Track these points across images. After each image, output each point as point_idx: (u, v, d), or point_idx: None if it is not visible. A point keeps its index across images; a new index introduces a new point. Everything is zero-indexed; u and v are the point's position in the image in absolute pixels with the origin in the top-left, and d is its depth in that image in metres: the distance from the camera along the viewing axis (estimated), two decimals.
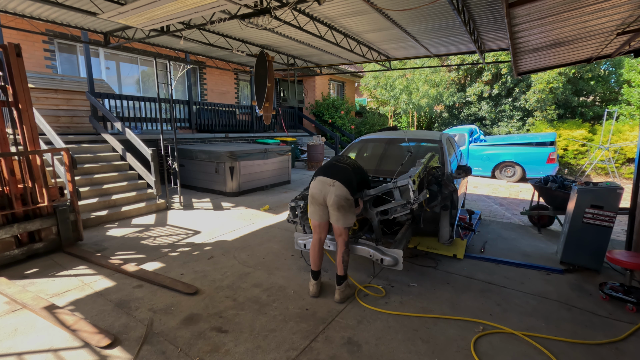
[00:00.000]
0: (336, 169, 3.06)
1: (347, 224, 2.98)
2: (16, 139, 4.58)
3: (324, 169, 3.10)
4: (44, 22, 6.09)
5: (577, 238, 3.65)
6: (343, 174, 2.99)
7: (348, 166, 3.10)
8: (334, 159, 3.21)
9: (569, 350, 2.40)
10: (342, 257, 3.01)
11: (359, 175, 3.14)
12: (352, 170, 3.08)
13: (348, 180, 2.97)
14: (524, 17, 3.39)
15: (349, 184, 2.96)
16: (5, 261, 3.68)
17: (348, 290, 3.09)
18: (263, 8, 4.96)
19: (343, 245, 3.01)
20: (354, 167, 3.15)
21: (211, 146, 8.26)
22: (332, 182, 2.93)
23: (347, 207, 2.93)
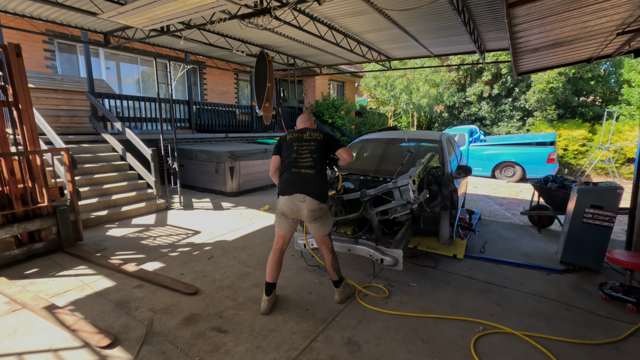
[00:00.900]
0: (301, 180, 2.74)
1: (326, 231, 2.87)
2: (16, 139, 4.58)
3: (288, 184, 2.75)
4: (44, 22, 6.09)
5: (577, 238, 3.65)
6: (310, 184, 2.71)
7: (310, 166, 2.76)
8: (293, 166, 2.78)
9: (569, 350, 2.40)
10: (331, 265, 2.91)
11: (323, 150, 2.82)
12: (316, 169, 2.76)
13: (317, 188, 2.73)
14: (524, 17, 3.39)
15: (320, 192, 2.73)
16: (5, 261, 3.68)
17: (347, 289, 3.05)
18: (263, 8, 4.96)
19: (329, 252, 2.91)
20: (316, 158, 2.78)
21: (211, 146, 8.26)
22: (301, 197, 2.70)
23: (323, 216, 2.80)
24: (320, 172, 2.79)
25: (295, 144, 2.85)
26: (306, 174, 2.74)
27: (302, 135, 2.88)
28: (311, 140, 2.84)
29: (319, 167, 2.78)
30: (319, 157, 2.79)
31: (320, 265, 3.73)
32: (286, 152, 2.87)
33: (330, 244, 2.93)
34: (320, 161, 2.80)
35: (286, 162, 2.84)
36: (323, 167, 2.83)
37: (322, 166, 2.82)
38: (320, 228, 2.82)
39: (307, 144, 2.83)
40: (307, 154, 2.79)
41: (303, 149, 2.82)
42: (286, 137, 2.93)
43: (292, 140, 2.87)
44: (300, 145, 2.84)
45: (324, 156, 2.84)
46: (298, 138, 2.87)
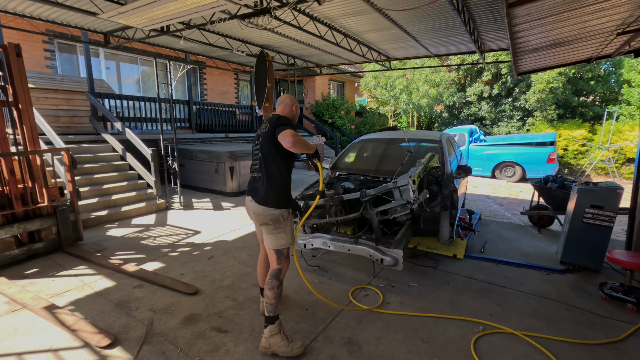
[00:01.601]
0: (252, 182, 2.43)
1: (274, 246, 2.35)
2: (16, 139, 4.58)
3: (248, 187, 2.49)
4: (44, 22, 6.09)
5: (577, 238, 3.65)
6: (257, 188, 2.35)
7: (257, 169, 2.38)
8: (251, 168, 2.48)
9: (569, 350, 2.40)
10: (267, 291, 2.28)
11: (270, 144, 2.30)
12: (262, 171, 2.33)
13: (263, 192, 2.30)
14: (524, 17, 3.39)
15: (265, 197, 2.29)
16: (5, 261, 3.67)
17: (276, 338, 2.25)
18: (263, 8, 4.96)
19: (269, 275, 2.34)
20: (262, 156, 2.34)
21: (211, 146, 8.26)
22: (249, 198, 2.40)
23: (271, 225, 2.33)
24: (269, 172, 2.31)
25: (255, 141, 2.48)
26: (255, 177, 2.41)
27: (259, 131, 2.47)
28: (260, 135, 2.39)
29: (268, 166, 2.31)
30: (266, 154, 2.32)
31: (320, 265, 3.73)
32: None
33: (277, 265, 2.36)
34: (267, 158, 2.32)
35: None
36: (273, 164, 2.31)
37: (270, 164, 2.31)
38: (267, 239, 2.39)
39: (257, 140, 2.43)
40: (257, 152, 2.41)
41: (256, 146, 2.44)
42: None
43: (256, 135, 2.51)
44: (255, 142, 2.46)
45: (273, 151, 2.30)
46: (257, 135, 2.48)
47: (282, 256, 2.39)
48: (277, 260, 2.38)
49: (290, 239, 2.42)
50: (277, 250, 2.37)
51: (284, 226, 2.36)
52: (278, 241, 2.36)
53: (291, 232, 2.42)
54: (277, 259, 2.38)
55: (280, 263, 2.38)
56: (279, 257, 2.38)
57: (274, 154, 2.30)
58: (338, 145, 12.47)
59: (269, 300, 2.27)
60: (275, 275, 2.32)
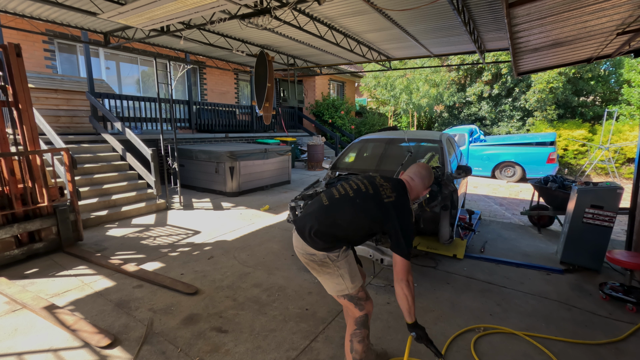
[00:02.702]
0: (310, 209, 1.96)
1: (336, 292, 1.90)
2: (16, 139, 4.58)
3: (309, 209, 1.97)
4: (44, 22, 6.09)
5: (577, 238, 3.65)
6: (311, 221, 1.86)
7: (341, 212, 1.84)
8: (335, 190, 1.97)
9: (569, 350, 2.40)
10: (357, 344, 1.89)
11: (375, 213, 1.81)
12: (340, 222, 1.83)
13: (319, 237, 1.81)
14: (524, 17, 3.39)
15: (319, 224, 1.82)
16: (5, 261, 3.68)
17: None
18: (263, 8, 4.96)
19: (353, 324, 1.92)
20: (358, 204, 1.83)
21: (211, 146, 8.26)
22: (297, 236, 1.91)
23: (319, 269, 1.89)
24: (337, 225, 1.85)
25: (354, 180, 1.98)
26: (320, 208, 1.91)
27: (374, 176, 1.98)
28: (374, 185, 1.88)
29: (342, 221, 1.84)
30: (359, 214, 1.82)
31: None
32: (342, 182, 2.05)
33: (358, 311, 1.91)
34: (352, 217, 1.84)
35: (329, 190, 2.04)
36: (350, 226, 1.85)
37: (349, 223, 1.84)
38: (325, 284, 1.95)
39: (363, 187, 1.89)
40: (349, 195, 1.89)
41: (353, 185, 1.93)
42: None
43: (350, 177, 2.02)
44: (355, 181, 1.96)
45: (366, 221, 1.83)
46: (368, 176, 2.00)
47: (360, 299, 1.90)
48: (357, 307, 1.90)
49: (352, 281, 1.87)
50: (348, 296, 1.89)
51: (335, 269, 1.85)
52: (338, 287, 1.88)
53: (349, 273, 1.87)
54: (355, 305, 1.90)
55: (362, 308, 1.90)
56: (357, 303, 1.90)
57: (363, 222, 1.83)
58: (338, 145, 12.47)
59: (359, 355, 1.88)
60: (363, 324, 1.90)
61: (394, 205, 1.80)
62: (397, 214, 1.78)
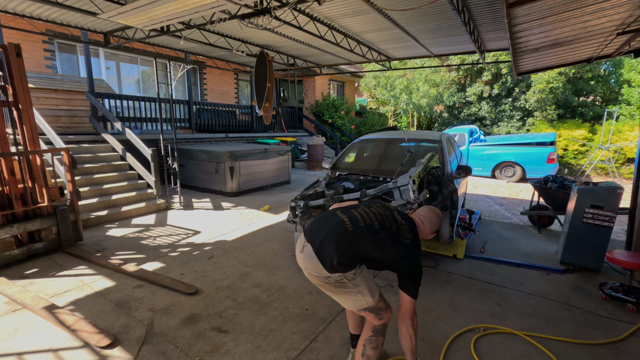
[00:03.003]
0: (326, 222, 1.87)
1: (355, 307, 1.87)
2: (16, 139, 4.58)
3: (313, 225, 1.91)
4: (44, 22, 6.09)
5: (577, 238, 3.65)
6: (329, 239, 1.76)
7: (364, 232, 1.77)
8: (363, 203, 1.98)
9: (569, 350, 2.40)
10: (370, 350, 1.87)
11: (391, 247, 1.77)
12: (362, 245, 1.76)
13: (337, 253, 1.72)
14: (524, 17, 3.39)
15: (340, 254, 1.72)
16: (5, 261, 3.68)
17: None
18: (263, 8, 4.96)
19: (369, 330, 1.90)
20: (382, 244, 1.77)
21: (211, 146, 8.26)
22: (309, 246, 1.82)
23: (335, 290, 1.83)
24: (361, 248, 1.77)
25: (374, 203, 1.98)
26: (339, 224, 1.82)
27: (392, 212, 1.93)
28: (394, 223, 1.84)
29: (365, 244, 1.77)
30: (383, 235, 1.78)
31: None
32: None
33: (378, 320, 1.88)
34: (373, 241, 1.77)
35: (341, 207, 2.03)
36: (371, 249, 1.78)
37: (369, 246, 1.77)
38: (342, 301, 1.90)
39: (386, 216, 1.86)
40: (374, 215, 1.85)
41: (375, 210, 1.89)
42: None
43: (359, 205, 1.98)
44: (378, 207, 1.93)
45: (386, 245, 1.78)
46: (387, 207, 1.96)
47: (380, 310, 1.86)
48: (378, 317, 1.87)
49: (371, 296, 1.84)
50: (369, 309, 1.85)
51: (353, 288, 1.81)
52: (357, 302, 1.84)
53: (368, 288, 1.84)
54: (376, 315, 1.86)
55: (382, 318, 1.88)
56: (377, 313, 1.86)
57: (381, 256, 1.78)
58: (338, 145, 12.47)
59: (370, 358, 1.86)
60: (380, 332, 1.88)
61: (410, 247, 1.81)
62: (413, 257, 1.79)
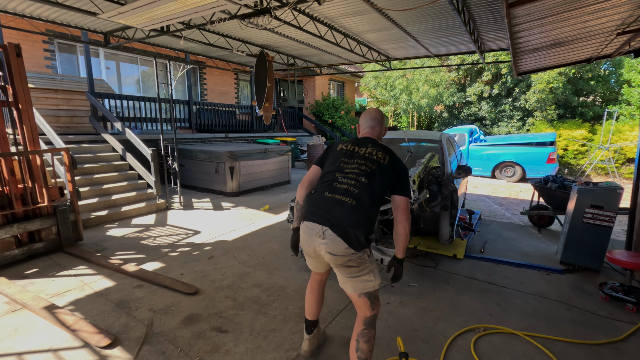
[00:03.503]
0: (333, 201, 1.86)
1: (363, 290, 1.86)
2: (16, 139, 4.58)
3: (314, 211, 1.91)
4: (44, 22, 6.09)
5: (577, 238, 3.65)
6: (342, 210, 1.81)
7: (353, 194, 1.84)
8: (329, 189, 1.92)
9: (569, 350, 2.40)
10: (363, 344, 1.86)
11: (382, 180, 1.90)
12: (359, 200, 1.83)
13: (354, 219, 1.79)
14: (524, 17, 3.39)
15: (355, 226, 1.78)
16: (5, 261, 3.67)
17: None
18: (263, 8, 4.96)
19: (361, 324, 1.90)
20: (365, 185, 1.87)
21: (211, 146, 8.26)
22: (321, 229, 1.81)
23: (355, 267, 1.83)
24: (366, 206, 1.84)
25: (343, 158, 2.00)
26: (348, 204, 1.82)
27: (359, 150, 2.00)
28: (370, 161, 1.93)
29: (366, 199, 1.84)
30: (371, 186, 1.87)
31: None
32: (329, 167, 2.03)
33: (370, 310, 1.89)
34: (370, 192, 1.86)
35: (323, 180, 2.01)
36: (373, 200, 1.87)
37: (371, 199, 1.86)
38: (350, 282, 1.87)
39: (362, 164, 1.93)
40: (357, 177, 1.90)
41: (353, 168, 1.93)
42: (337, 146, 2.11)
43: (342, 153, 2.03)
44: (351, 162, 1.96)
45: (381, 187, 1.88)
46: (351, 152, 2.01)
47: (375, 299, 1.90)
48: (372, 306, 1.88)
49: (379, 277, 1.90)
50: (369, 294, 1.86)
51: (369, 264, 1.86)
52: (367, 284, 1.85)
53: (376, 266, 1.92)
54: (371, 304, 1.88)
55: (374, 308, 1.89)
56: (373, 302, 1.88)
57: (379, 189, 1.88)
58: None
59: (364, 355, 1.85)
60: (371, 324, 1.89)
61: (390, 162, 1.95)
62: (396, 166, 1.96)
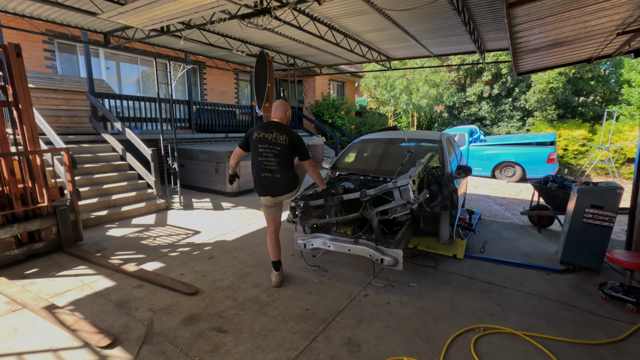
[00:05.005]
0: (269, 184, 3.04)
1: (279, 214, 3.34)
2: (16, 139, 4.58)
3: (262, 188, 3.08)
4: (44, 22, 6.09)
5: (577, 238, 3.65)
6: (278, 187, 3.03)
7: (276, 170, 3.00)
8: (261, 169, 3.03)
9: (569, 350, 2.40)
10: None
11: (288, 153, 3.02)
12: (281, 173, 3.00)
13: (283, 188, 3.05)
14: (524, 17, 3.39)
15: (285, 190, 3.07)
16: (5, 261, 3.68)
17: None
18: (263, 8, 4.96)
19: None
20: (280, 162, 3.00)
21: (211, 146, 8.26)
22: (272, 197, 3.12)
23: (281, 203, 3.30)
24: (286, 171, 3.00)
25: (260, 145, 2.96)
26: (271, 179, 2.99)
27: (267, 136, 2.96)
28: (276, 145, 2.94)
29: (285, 168, 2.99)
30: (284, 160, 2.97)
31: (320, 265, 3.74)
32: (253, 152, 3.03)
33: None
34: (285, 163, 2.99)
35: (255, 163, 3.03)
36: (289, 165, 3.03)
37: (287, 166, 3.01)
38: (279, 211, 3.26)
39: (272, 148, 2.93)
40: (272, 158, 2.95)
41: (268, 152, 2.94)
42: (253, 133, 3.02)
43: (257, 140, 2.97)
44: (265, 148, 2.95)
45: (290, 157, 3.02)
46: (263, 139, 2.96)
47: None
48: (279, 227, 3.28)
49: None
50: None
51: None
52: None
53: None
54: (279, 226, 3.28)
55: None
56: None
57: (289, 159, 3.01)
58: (338, 145, 12.46)
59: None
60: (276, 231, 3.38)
61: (289, 141, 2.97)
62: (295, 142, 2.99)
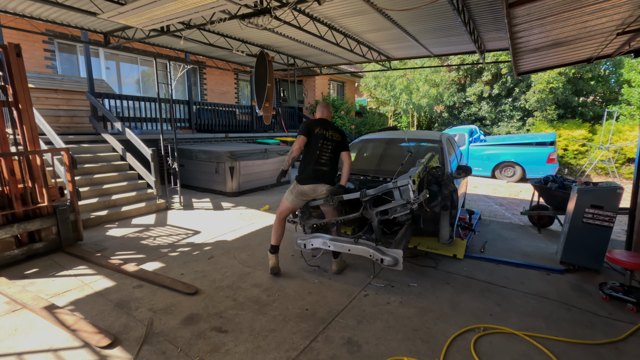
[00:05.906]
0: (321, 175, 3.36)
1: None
2: (16, 139, 4.58)
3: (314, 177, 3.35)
4: (44, 22, 6.09)
5: (577, 238, 3.65)
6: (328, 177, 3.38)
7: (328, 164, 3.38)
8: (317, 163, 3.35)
9: (569, 350, 2.40)
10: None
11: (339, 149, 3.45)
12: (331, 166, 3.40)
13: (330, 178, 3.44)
14: (524, 17, 3.39)
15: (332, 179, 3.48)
16: (5, 261, 3.67)
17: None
18: (263, 8, 4.96)
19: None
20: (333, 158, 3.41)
21: (211, 146, 8.26)
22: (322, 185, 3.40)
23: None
24: (334, 164, 3.44)
25: (320, 141, 3.31)
26: (325, 171, 3.37)
27: (326, 134, 3.34)
28: (332, 141, 3.37)
29: (334, 162, 3.43)
30: (336, 154, 3.43)
31: (320, 265, 3.74)
32: (312, 145, 3.31)
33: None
34: (336, 157, 3.44)
35: (310, 155, 3.32)
36: (336, 160, 3.46)
37: (335, 160, 3.45)
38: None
39: (329, 144, 3.35)
40: (328, 153, 3.35)
41: (326, 148, 3.34)
42: (314, 129, 3.31)
43: (319, 136, 3.31)
44: (323, 143, 3.33)
45: (338, 153, 3.45)
46: (323, 136, 3.32)
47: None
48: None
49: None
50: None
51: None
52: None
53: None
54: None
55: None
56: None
57: (338, 155, 3.46)
58: None
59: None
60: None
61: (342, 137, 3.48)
62: (345, 139, 3.49)
